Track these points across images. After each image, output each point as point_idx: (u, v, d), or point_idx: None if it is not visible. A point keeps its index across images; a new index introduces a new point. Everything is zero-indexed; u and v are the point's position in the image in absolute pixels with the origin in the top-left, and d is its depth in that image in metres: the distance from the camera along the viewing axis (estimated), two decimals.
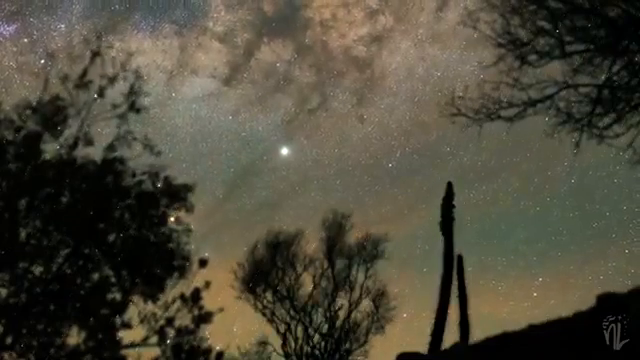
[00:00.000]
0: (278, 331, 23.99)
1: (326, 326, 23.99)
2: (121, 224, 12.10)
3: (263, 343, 23.96)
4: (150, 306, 11.96)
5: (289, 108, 34.63)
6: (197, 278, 12.47)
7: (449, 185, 20.23)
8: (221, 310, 12.55)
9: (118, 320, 11.67)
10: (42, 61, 11.19)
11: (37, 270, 11.41)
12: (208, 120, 32.81)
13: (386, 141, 34.52)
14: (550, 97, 11.72)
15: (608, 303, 9.48)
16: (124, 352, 11.66)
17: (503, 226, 32.88)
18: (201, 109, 32.38)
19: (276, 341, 23.88)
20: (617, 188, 30.52)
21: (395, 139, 27.45)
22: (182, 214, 12.63)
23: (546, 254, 31.69)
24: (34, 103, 11.56)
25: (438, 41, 34.47)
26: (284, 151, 35.06)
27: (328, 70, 35.92)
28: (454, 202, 19.83)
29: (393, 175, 34.08)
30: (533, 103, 11.80)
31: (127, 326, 11.75)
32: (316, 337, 23.85)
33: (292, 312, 24.01)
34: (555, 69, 11.68)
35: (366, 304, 24.36)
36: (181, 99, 31.50)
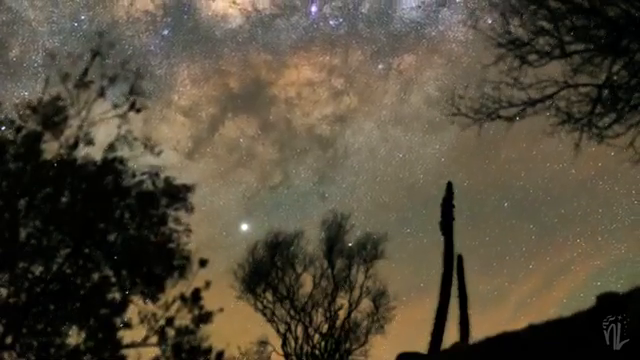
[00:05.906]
0: (278, 331, 24.03)
1: (326, 326, 24.02)
2: (121, 224, 12.09)
3: (263, 343, 24.00)
4: (150, 306, 11.96)
5: (251, 184, 34.60)
6: (197, 278, 12.47)
7: (449, 185, 20.26)
8: (221, 310, 12.55)
9: (118, 320, 11.67)
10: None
11: (37, 270, 11.40)
12: None
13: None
14: (550, 97, 11.74)
15: (608, 303, 9.49)
16: (124, 352, 11.65)
17: None
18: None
19: (276, 341, 23.94)
20: (574, 276, 31.30)
21: (355, 219, 27.34)
22: (182, 214, 12.63)
23: None
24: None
25: (401, 123, 35.26)
26: (244, 227, 34.21)
27: (291, 147, 36.06)
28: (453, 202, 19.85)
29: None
30: (533, 103, 11.82)
31: (127, 326, 11.75)
32: (316, 337, 23.89)
33: (292, 312, 24.03)
34: (555, 69, 11.71)
35: (366, 304, 24.44)
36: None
